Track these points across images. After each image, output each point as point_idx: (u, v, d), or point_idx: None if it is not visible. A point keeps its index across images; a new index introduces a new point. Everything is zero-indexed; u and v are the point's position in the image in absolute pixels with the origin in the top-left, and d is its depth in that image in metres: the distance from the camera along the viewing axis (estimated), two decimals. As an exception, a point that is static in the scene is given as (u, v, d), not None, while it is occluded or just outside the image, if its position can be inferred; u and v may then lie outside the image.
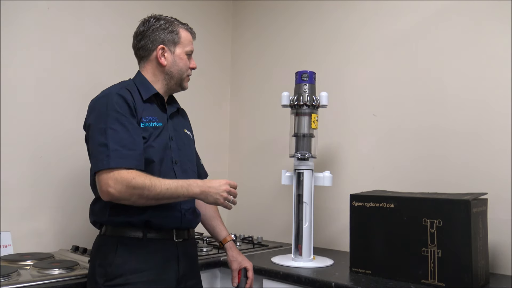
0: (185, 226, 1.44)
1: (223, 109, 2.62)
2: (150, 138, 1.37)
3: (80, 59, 1.95)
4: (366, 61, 2.02)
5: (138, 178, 1.25)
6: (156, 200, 1.29)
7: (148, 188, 1.26)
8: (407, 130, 1.85)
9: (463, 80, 1.71)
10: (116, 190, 1.24)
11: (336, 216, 2.04)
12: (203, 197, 1.33)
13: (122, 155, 1.27)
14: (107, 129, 1.29)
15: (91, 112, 1.37)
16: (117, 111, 1.32)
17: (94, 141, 1.31)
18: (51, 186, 1.83)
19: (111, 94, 1.35)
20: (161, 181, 1.28)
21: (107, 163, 1.25)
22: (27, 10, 1.80)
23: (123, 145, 1.28)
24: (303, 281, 1.48)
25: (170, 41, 1.46)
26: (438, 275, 1.34)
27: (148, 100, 1.43)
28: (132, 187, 1.24)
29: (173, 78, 1.48)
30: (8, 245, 1.66)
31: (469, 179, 1.65)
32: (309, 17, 2.25)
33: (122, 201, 1.28)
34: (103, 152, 1.27)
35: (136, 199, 1.27)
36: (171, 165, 1.42)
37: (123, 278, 1.30)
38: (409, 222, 1.42)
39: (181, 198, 1.33)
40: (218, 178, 1.40)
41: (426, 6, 1.83)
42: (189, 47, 1.50)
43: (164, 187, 1.28)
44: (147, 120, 1.39)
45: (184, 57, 1.49)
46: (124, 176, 1.25)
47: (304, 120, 1.71)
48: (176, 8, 2.30)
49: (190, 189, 1.31)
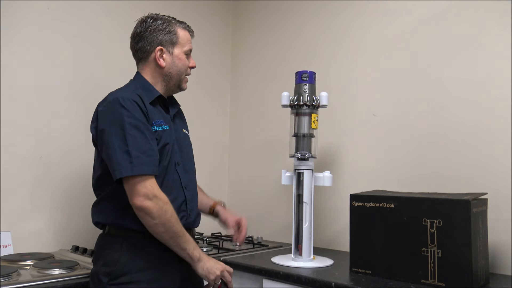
0: (189, 226, 1.44)
1: (223, 109, 2.62)
2: (160, 142, 1.38)
3: (80, 59, 1.95)
4: (366, 61, 2.01)
5: (170, 205, 1.31)
6: (169, 237, 1.31)
7: (175, 219, 1.31)
8: (407, 130, 1.85)
9: (463, 80, 1.71)
10: (150, 205, 1.27)
11: (336, 216, 2.04)
12: (198, 264, 1.34)
13: (143, 162, 1.28)
14: (127, 135, 1.29)
15: (104, 117, 1.34)
16: (134, 117, 1.31)
17: (113, 147, 1.29)
18: (51, 186, 1.83)
19: (124, 99, 1.33)
20: (181, 225, 1.34)
21: (131, 170, 1.26)
22: (27, 10, 1.80)
23: (143, 151, 1.29)
24: (303, 281, 1.48)
25: (168, 42, 1.45)
26: (438, 275, 1.34)
27: (152, 103, 1.42)
28: (164, 210, 1.29)
29: (172, 79, 1.48)
30: (8, 245, 1.66)
31: (469, 179, 1.65)
32: (309, 18, 2.25)
33: (145, 215, 1.28)
34: (126, 159, 1.27)
35: (161, 220, 1.29)
36: (174, 166, 1.43)
37: (127, 277, 1.30)
38: (409, 222, 1.42)
39: (183, 252, 1.33)
40: (218, 178, 1.40)
41: (426, 6, 1.83)
42: (188, 46, 1.49)
43: (183, 231, 1.33)
44: (157, 124, 1.39)
45: (183, 57, 1.48)
46: (162, 196, 1.30)
47: (304, 120, 1.71)
48: (176, 7, 2.30)
49: (195, 250, 1.34)
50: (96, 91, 1.45)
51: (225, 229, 1.73)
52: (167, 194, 1.36)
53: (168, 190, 1.37)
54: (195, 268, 1.35)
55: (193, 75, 1.57)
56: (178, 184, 1.43)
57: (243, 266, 1.68)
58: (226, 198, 2.57)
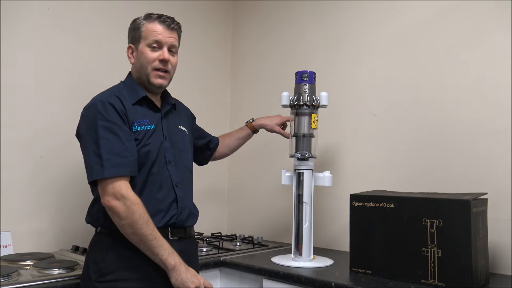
0: (181, 224, 1.43)
1: (223, 109, 2.62)
2: (142, 141, 1.38)
3: (80, 59, 1.95)
4: (366, 61, 2.01)
5: (141, 206, 1.29)
6: (139, 239, 1.28)
7: (145, 221, 1.27)
8: (407, 130, 1.85)
9: (463, 80, 1.71)
10: (117, 204, 1.27)
11: (336, 216, 2.04)
12: (172, 273, 1.30)
13: (114, 164, 1.28)
14: (99, 138, 1.30)
15: (82, 121, 1.38)
16: (107, 120, 1.32)
17: (87, 150, 1.32)
18: (51, 186, 1.83)
19: (101, 102, 1.35)
20: (155, 228, 1.30)
21: (101, 173, 1.27)
22: (27, 10, 1.80)
23: (115, 153, 1.29)
24: (303, 281, 1.48)
25: (135, 39, 1.46)
26: (438, 275, 1.34)
27: (138, 102, 1.43)
28: (132, 211, 1.26)
29: (141, 74, 1.46)
30: (8, 245, 1.66)
31: (469, 179, 1.65)
32: (309, 18, 2.25)
33: (113, 215, 1.28)
34: (97, 162, 1.28)
35: (128, 221, 1.26)
36: (164, 164, 1.42)
37: (115, 274, 1.31)
38: (409, 222, 1.41)
39: (156, 258, 1.29)
40: (217, 178, 1.40)
41: (426, 6, 1.83)
42: (152, 38, 1.42)
43: (154, 235, 1.28)
44: (139, 124, 1.39)
45: (145, 50, 1.43)
46: (131, 197, 1.27)
47: (304, 120, 1.71)
48: (176, 8, 2.30)
49: (169, 257, 1.29)
50: (96, 91, 1.45)
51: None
52: (155, 192, 1.37)
53: (155, 188, 1.38)
54: (170, 277, 1.30)
55: (193, 75, 1.57)
56: (168, 182, 1.42)
57: (243, 266, 1.68)
58: (226, 198, 2.57)
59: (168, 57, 1.43)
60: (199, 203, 1.60)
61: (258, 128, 1.89)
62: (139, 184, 1.36)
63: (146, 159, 1.37)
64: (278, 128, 1.87)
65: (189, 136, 1.61)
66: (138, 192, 1.34)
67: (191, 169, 1.57)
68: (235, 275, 1.75)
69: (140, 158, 1.36)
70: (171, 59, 1.45)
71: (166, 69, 1.45)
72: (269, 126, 1.87)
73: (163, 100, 1.54)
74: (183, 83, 2.32)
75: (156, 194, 1.38)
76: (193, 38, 2.42)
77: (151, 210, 1.33)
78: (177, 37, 1.49)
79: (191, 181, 1.55)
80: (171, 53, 1.46)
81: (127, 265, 1.32)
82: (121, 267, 1.32)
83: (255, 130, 1.89)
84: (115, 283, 1.30)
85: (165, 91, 1.56)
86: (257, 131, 1.91)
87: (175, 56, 1.48)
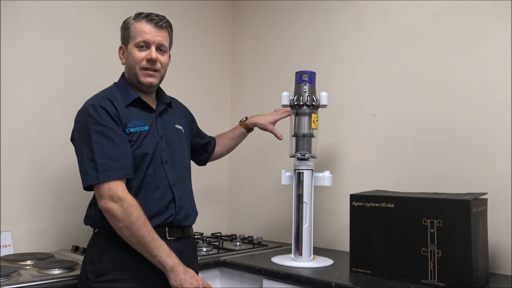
0: (178, 224, 1.43)
1: (223, 109, 2.62)
2: (136, 142, 1.37)
3: (80, 59, 1.95)
4: (366, 61, 2.01)
5: (138, 208, 1.28)
6: (136, 241, 1.28)
7: (142, 223, 1.27)
8: (407, 130, 1.85)
9: (463, 80, 1.71)
10: (114, 207, 1.26)
11: (336, 216, 2.04)
12: (171, 274, 1.29)
13: (109, 168, 1.28)
14: (92, 143, 1.30)
15: (76, 126, 1.38)
16: (100, 124, 1.32)
17: (81, 156, 1.32)
18: (51, 186, 1.83)
19: (92, 106, 1.35)
20: (153, 230, 1.30)
21: (96, 178, 1.27)
22: (27, 10, 1.80)
23: (110, 157, 1.29)
24: (303, 281, 1.48)
25: (125, 39, 1.47)
26: (438, 275, 1.34)
27: (131, 104, 1.42)
28: (129, 212, 1.26)
29: (130, 74, 1.46)
30: (8, 245, 1.66)
31: (469, 179, 1.65)
32: (310, 18, 2.25)
33: (110, 218, 1.28)
34: (92, 167, 1.28)
35: (126, 223, 1.26)
36: (161, 165, 1.42)
37: (112, 275, 1.31)
38: (409, 222, 1.41)
39: (154, 259, 1.29)
40: (217, 178, 1.40)
41: (426, 6, 1.83)
42: (140, 38, 1.41)
43: (152, 236, 1.28)
44: (133, 125, 1.39)
45: (134, 50, 1.42)
46: (127, 198, 1.27)
47: (304, 120, 1.71)
48: (177, 7, 2.30)
49: (168, 258, 1.29)
50: (96, 91, 1.45)
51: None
52: (152, 193, 1.37)
53: (152, 188, 1.38)
54: (168, 278, 1.30)
55: (193, 74, 1.57)
56: (165, 182, 1.42)
57: (243, 266, 1.68)
58: (226, 198, 2.57)
59: (156, 56, 1.42)
60: (199, 203, 1.60)
61: (251, 126, 1.85)
62: (135, 185, 1.36)
63: (141, 160, 1.37)
64: (271, 126, 1.83)
65: (186, 135, 1.60)
66: (135, 193, 1.34)
67: (189, 168, 1.56)
68: (235, 275, 1.75)
69: (136, 159, 1.35)
70: (160, 58, 1.44)
71: (155, 68, 1.44)
72: (262, 125, 1.83)
73: (157, 100, 1.54)
74: (183, 82, 2.32)
75: (153, 195, 1.38)
76: (193, 37, 2.42)
77: (148, 211, 1.33)
78: (166, 35, 1.46)
79: (189, 180, 1.55)
80: (160, 51, 1.45)
81: (124, 265, 1.32)
82: (118, 268, 1.32)
83: (249, 128, 1.86)
84: (112, 283, 1.30)
85: (159, 89, 1.55)
86: (252, 130, 1.88)
87: (164, 55, 1.47)
